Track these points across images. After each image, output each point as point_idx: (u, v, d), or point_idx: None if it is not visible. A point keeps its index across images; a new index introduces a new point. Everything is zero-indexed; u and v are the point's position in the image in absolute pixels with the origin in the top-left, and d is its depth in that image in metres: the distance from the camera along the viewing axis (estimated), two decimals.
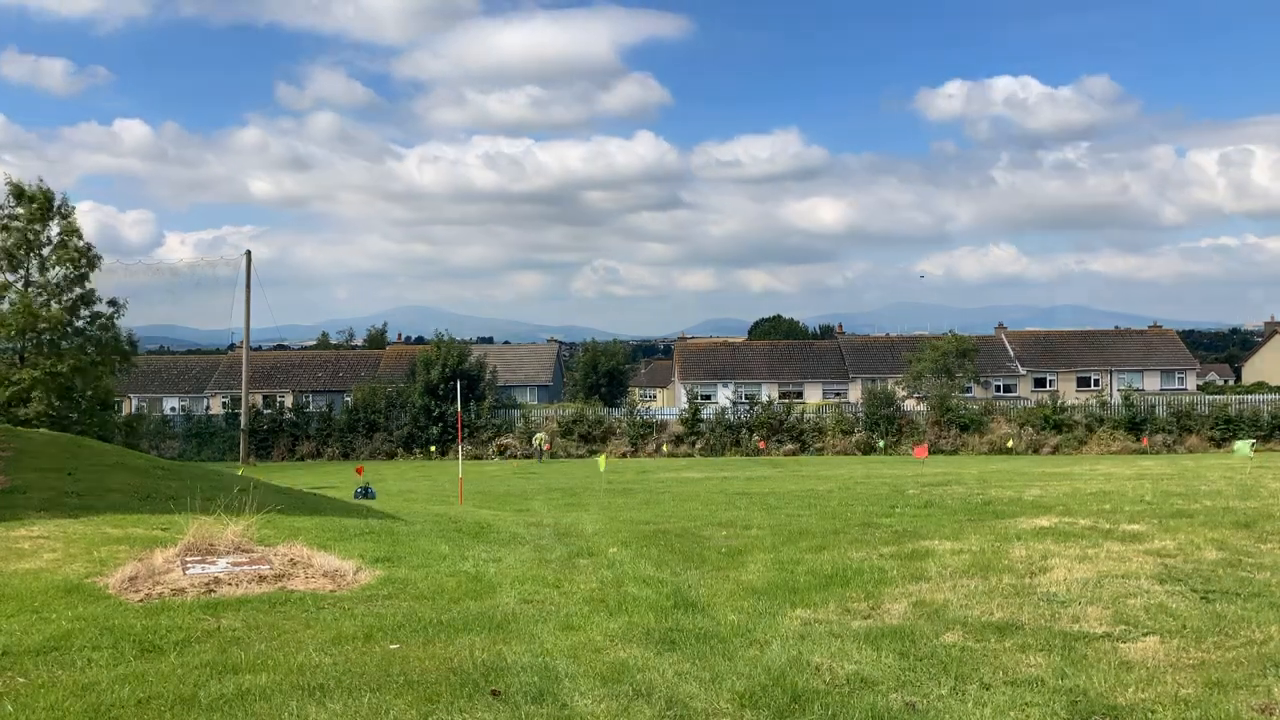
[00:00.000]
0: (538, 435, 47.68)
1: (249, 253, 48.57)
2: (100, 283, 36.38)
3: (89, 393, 34.88)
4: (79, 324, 35.62)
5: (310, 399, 60.51)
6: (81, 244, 35.58)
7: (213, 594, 7.39)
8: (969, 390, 57.82)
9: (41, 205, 34.87)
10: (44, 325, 34.50)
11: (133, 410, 51.38)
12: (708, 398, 63.16)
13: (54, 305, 35.00)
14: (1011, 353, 69.38)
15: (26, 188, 34.94)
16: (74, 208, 35.82)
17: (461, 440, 27.07)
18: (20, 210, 34.87)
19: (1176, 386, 66.55)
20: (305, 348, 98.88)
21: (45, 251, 35.20)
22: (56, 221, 35.25)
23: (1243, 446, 19.27)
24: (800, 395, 65.60)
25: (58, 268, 35.39)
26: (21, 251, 34.74)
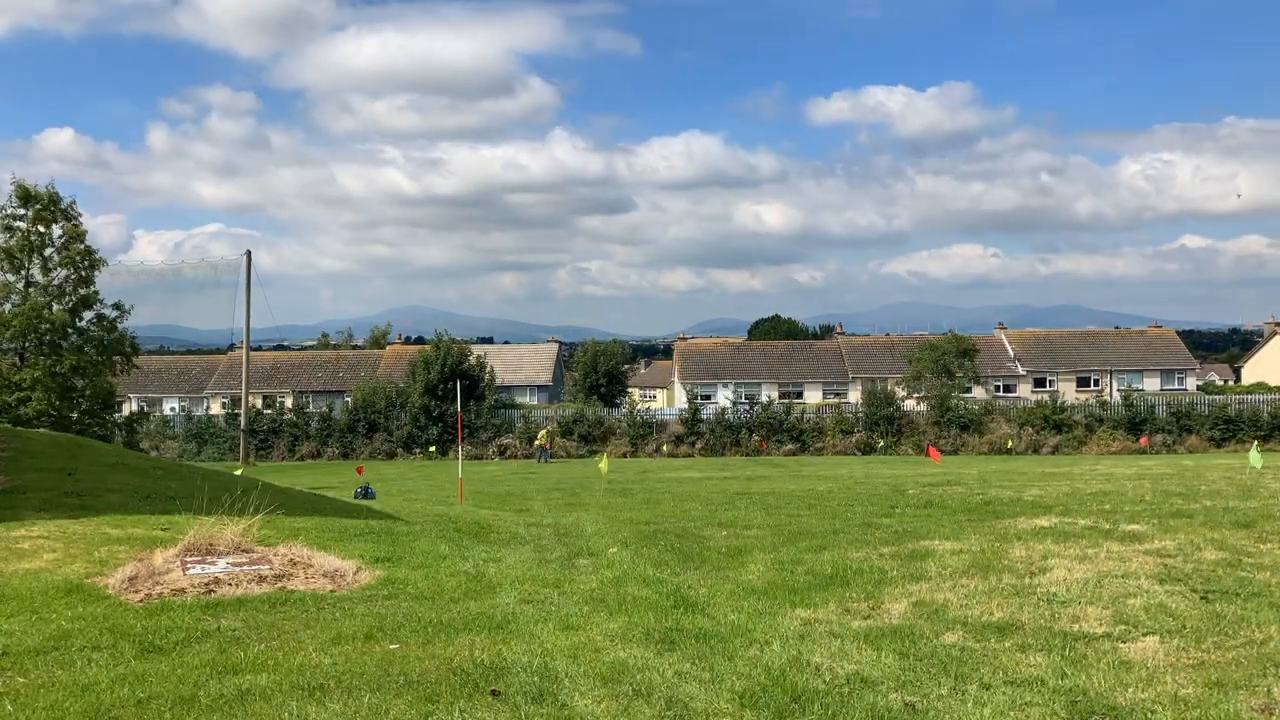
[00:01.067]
0: (541, 433, 47.09)
1: (249, 253, 48.57)
2: (99, 282, 36.41)
3: (90, 393, 34.87)
4: (81, 324, 35.63)
5: (310, 399, 60.49)
6: (85, 246, 35.60)
7: (213, 594, 7.40)
8: (969, 390, 57.81)
9: (46, 207, 34.89)
10: (46, 326, 34.51)
11: (133, 411, 51.37)
12: (708, 398, 63.13)
13: (56, 306, 35.02)
14: (1011, 353, 69.37)
15: (33, 189, 34.96)
16: (80, 211, 35.85)
17: (461, 440, 27.08)
18: (23, 211, 34.89)
19: (1176, 386, 66.52)
20: (305, 348, 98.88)
21: (49, 253, 35.20)
22: (60, 224, 35.24)
23: (1254, 456, 19.24)
24: (800, 395, 65.58)
25: (61, 269, 35.40)
26: (24, 253, 34.73)
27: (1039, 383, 66.94)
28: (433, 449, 48.63)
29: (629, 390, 79.20)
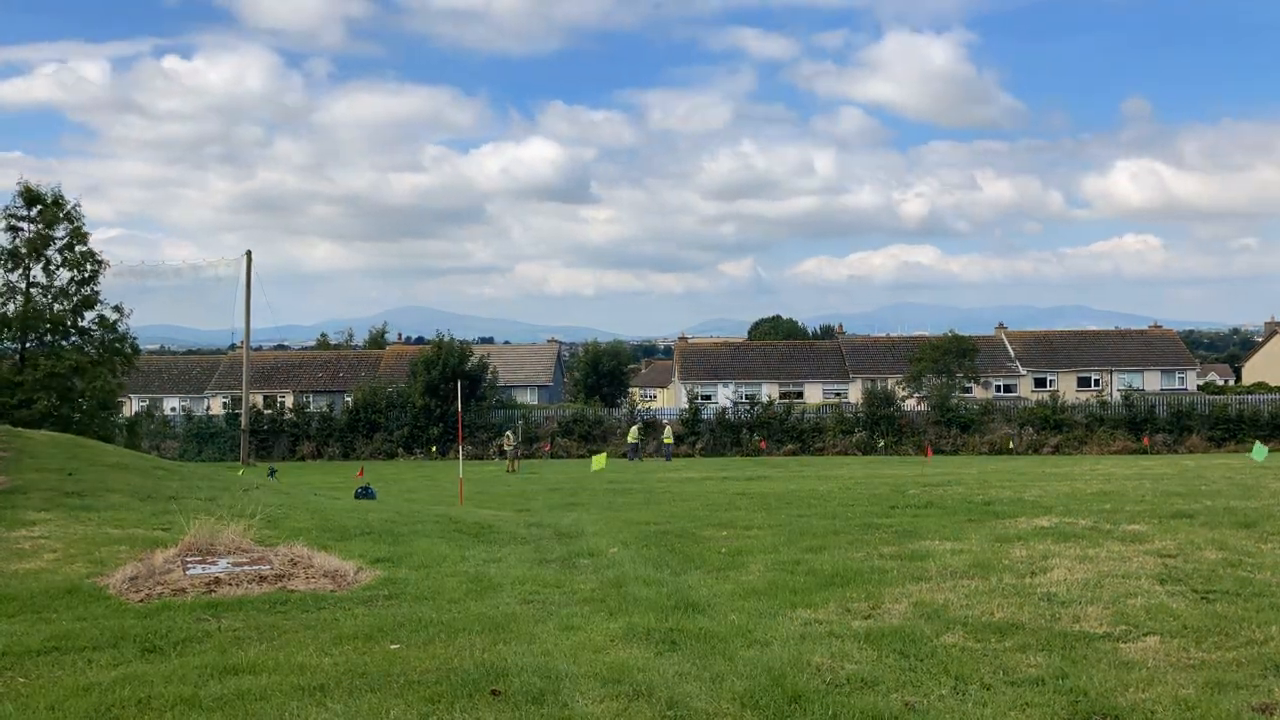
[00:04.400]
0: (633, 429, 44.47)
1: (249, 253, 48.55)
2: (100, 282, 36.38)
3: (90, 394, 34.84)
4: (82, 325, 35.61)
5: (310, 399, 60.44)
6: (88, 249, 35.59)
7: (213, 594, 7.40)
8: (969, 390, 57.76)
9: (50, 208, 34.86)
10: (47, 327, 34.50)
11: (134, 411, 51.32)
12: (708, 398, 63.10)
13: (57, 307, 35.01)
14: (1011, 352, 69.36)
15: (38, 191, 34.93)
16: (83, 213, 35.80)
17: (462, 441, 27.09)
18: (27, 212, 34.86)
19: (1177, 386, 66.48)
20: (305, 348, 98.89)
21: (51, 253, 35.17)
22: (64, 225, 35.20)
23: (1258, 451, 19.10)
24: (800, 395, 65.54)
25: (63, 270, 35.37)
26: (26, 252, 34.71)
27: (1039, 383, 66.91)
28: (433, 449, 48.61)
29: (629, 390, 79.22)
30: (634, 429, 45.53)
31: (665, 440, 45.13)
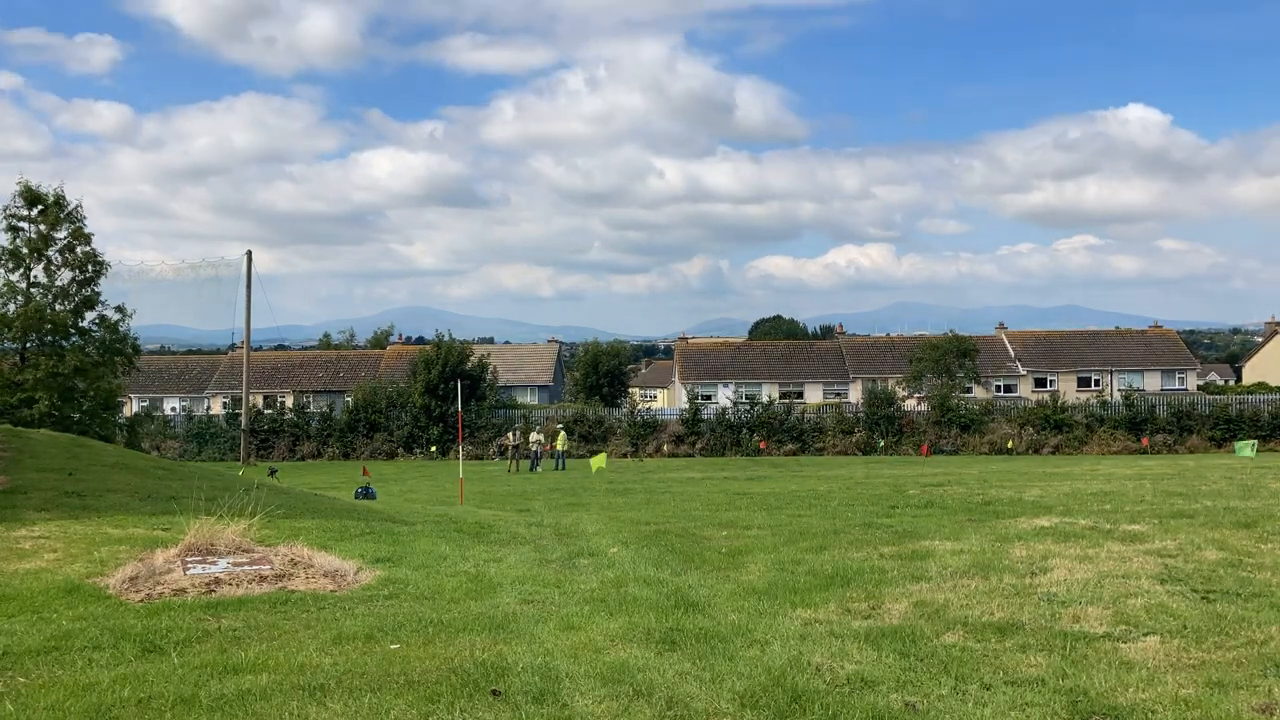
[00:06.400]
0: (545, 434, 39.70)
1: (249, 253, 48.56)
2: (101, 282, 36.37)
3: (92, 394, 34.87)
4: (84, 325, 35.62)
5: (311, 399, 60.42)
6: (89, 249, 35.59)
7: (213, 594, 7.40)
8: (969, 390, 57.75)
9: (52, 209, 34.84)
10: (48, 327, 34.51)
11: (134, 411, 51.31)
12: (708, 398, 63.10)
13: (59, 307, 35.02)
14: (1012, 353, 69.34)
15: (39, 191, 34.91)
16: (85, 214, 35.77)
17: (462, 440, 27.11)
18: (27, 212, 34.85)
19: (1177, 386, 66.46)
20: (306, 348, 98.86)
21: (52, 253, 35.17)
22: (65, 225, 35.19)
23: (1243, 446, 19.04)
24: (800, 395, 65.54)
25: (64, 270, 35.36)
26: (28, 253, 34.71)
27: (1039, 383, 66.89)
28: (433, 449, 48.61)
29: (630, 390, 79.21)
30: (543, 435, 39.44)
31: (559, 446, 38.64)
